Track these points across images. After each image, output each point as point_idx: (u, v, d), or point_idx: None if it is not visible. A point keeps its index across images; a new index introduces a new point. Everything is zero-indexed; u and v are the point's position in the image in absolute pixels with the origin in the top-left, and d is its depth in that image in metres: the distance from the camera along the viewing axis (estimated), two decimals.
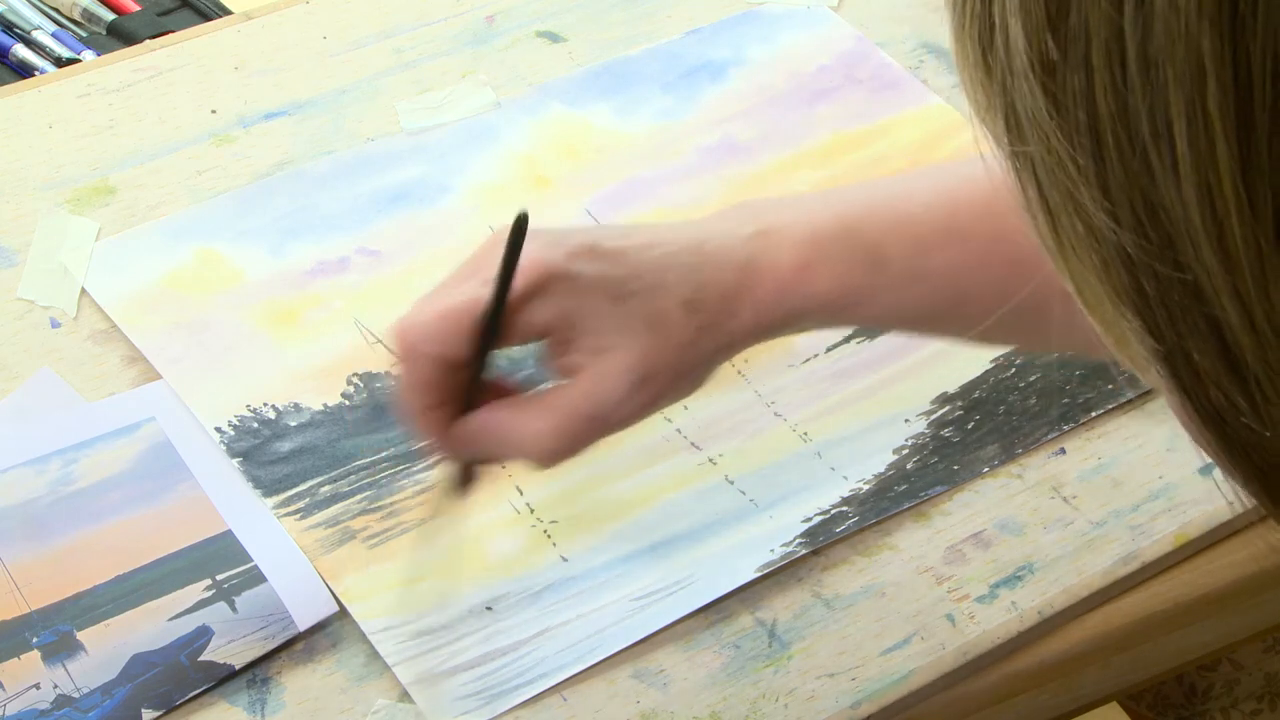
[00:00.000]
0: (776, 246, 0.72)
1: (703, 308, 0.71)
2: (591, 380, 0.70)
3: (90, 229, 0.96)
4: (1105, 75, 0.36)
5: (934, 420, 0.91)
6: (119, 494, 0.85)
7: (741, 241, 0.72)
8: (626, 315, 0.70)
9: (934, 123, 1.05)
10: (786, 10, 1.12)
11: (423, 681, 0.79)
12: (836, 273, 0.72)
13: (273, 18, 1.10)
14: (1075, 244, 0.39)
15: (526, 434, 0.70)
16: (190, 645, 0.79)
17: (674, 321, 0.70)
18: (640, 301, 0.70)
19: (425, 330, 0.70)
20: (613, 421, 0.71)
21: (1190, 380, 0.39)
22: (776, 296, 0.72)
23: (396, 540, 0.84)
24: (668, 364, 0.70)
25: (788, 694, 0.80)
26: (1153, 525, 0.87)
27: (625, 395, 0.70)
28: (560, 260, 0.70)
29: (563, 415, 0.70)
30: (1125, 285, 0.38)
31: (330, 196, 0.99)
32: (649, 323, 0.70)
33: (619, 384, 0.70)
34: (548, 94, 1.06)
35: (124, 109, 1.04)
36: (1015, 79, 0.39)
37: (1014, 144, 0.39)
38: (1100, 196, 0.37)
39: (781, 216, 0.73)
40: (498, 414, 0.71)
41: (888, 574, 0.84)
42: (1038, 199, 0.39)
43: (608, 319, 0.70)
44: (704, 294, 0.71)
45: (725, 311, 0.71)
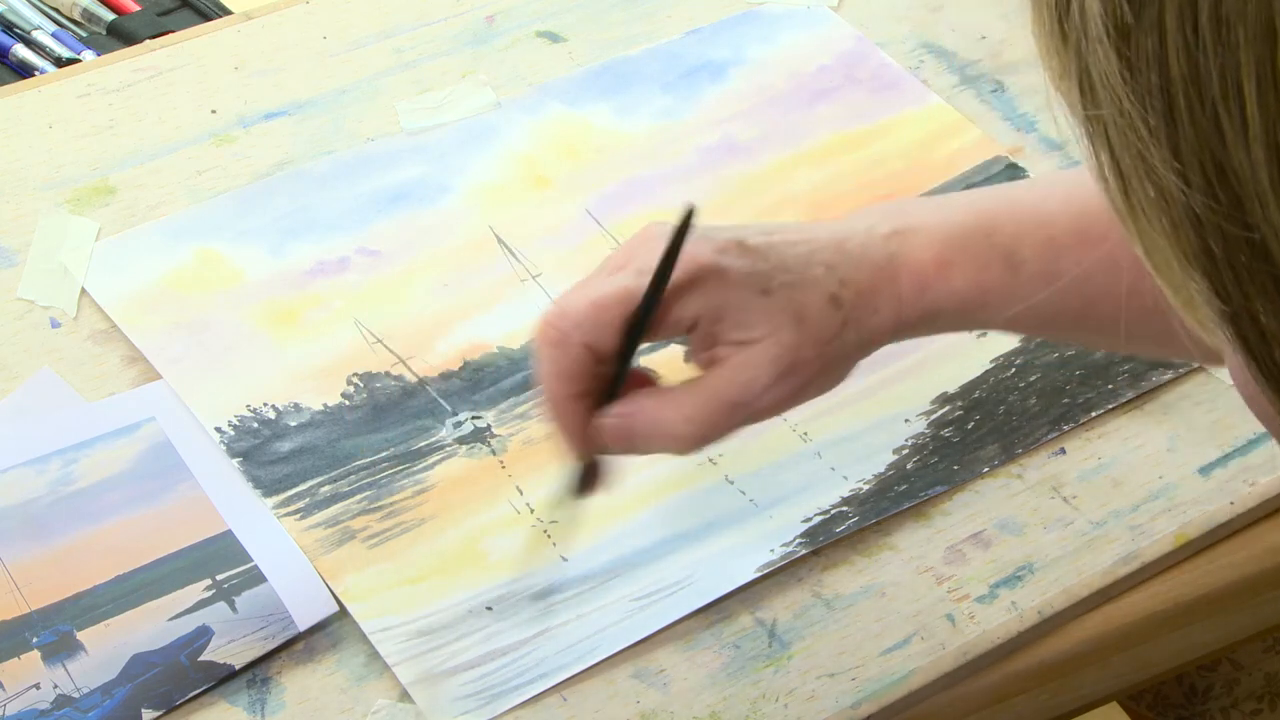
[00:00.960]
0: (916, 245, 0.73)
1: (845, 303, 0.72)
2: (737, 368, 0.71)
3: (90, 229, 0.96)
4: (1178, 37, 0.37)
5: (934, 420, 0.91)
6: (119, 494, 0.85)
7: (882, 240, 0.73)
8: (773, 308, 0.71)
9: (934, 123, 1.05)
10: (786, 10, 1.12)
11: (423, 681, 0.79)
12: (973, 271, 0.73)
13: (273, 18, 1.10)
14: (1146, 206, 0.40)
15: (669, 420, 0.71)
16: (190, 645, 0.79)
17: (819, 315, 0.71)
18: (786, 295, 0.71)
19: (578, 318, 0.70)
20: (756, 409, 0.72)
21: (1256, 341, 0.40)
22: (916, 294, 0.73)
23: (396, 540, 0.84)
24: (812, 356, 0.72)
25: (788, 694, 0.80)
26: (1153, 525, 0.87)
27: (770, 383, 0.71)
28: (709, 255, 0.71)
29: (707, 400, 0.71)
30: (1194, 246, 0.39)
31: (330, 196, 0.99)
32: (795, 316, 0.71)
33: (765, 373, 0.71)
34: (548, 94, 1.06)
35: (124, 109, 1.04)
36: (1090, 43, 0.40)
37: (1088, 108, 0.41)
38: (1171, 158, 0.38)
39: (920, 216, 0.75)
40: (640, 401, 0.72)
41: (888, 574, 0.84)
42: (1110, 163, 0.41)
43: (754, 312, 0.71)
44: (846, 290, 0.72)
45: (867, 308, 0.72)
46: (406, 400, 0.90)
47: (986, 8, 1.13)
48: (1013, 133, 1.05)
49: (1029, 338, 0.94)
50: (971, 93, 1.07)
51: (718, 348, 0.72)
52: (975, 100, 1.07)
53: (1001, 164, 1.03)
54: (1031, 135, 1.05)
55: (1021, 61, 1.10)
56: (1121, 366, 0.93)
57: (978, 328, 0.77)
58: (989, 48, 1.10)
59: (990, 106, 1.07)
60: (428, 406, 0.90)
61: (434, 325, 0.94)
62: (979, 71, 1.09)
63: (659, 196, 1.00)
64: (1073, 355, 0.93)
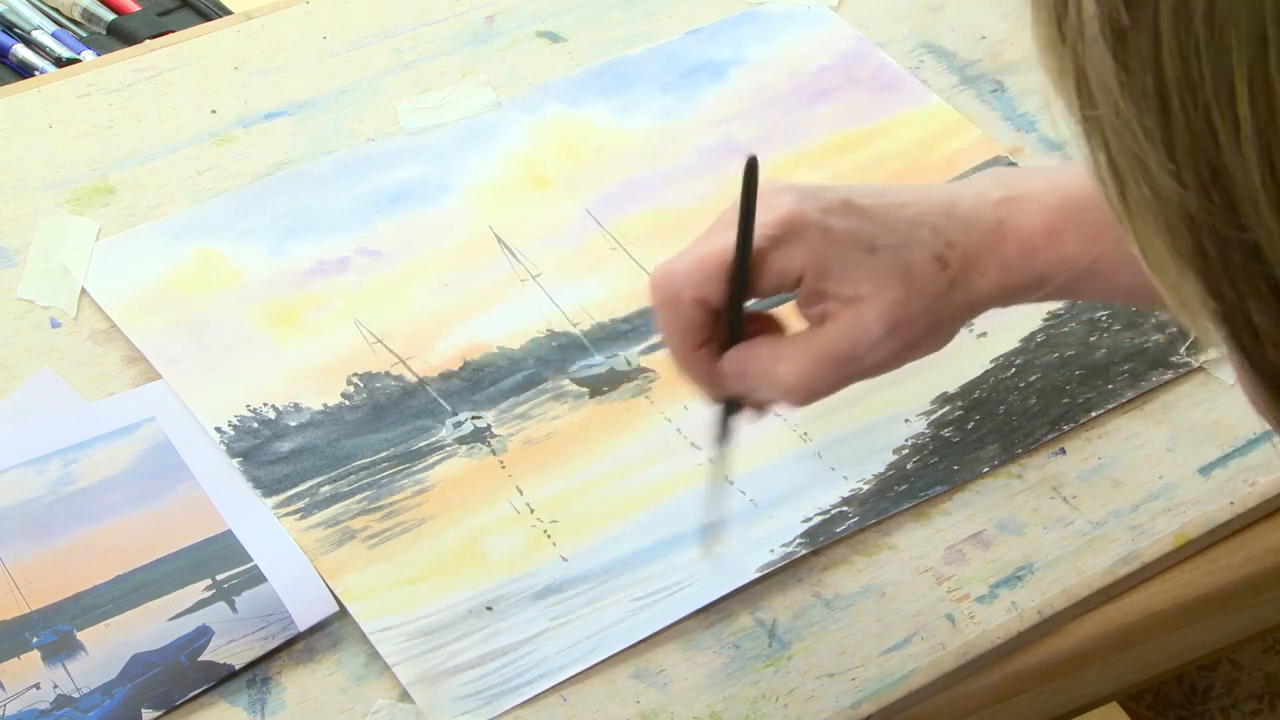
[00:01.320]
0: (1026, 211, 0.74)
1: (952, 264, 0.73)
2: (847, 323, 0.72)
3: (90, 229, 0.96)
4: (1172, 39, 0.38)
5: (934, 420, 0.91)
6: (119, 494, 0.85)
7: (992, 205, 0.74)
8: (879, 266, 0.72)
9: (934, 123, 1.05)
10: (786, 10, 1.12)
11: (423, 681, 0.79)
12: (1084, 239, 0.74)
13: (273, 18, 1.10)
14: (1141, 206, 0.41)
15: (780, 371, 0.72)
16: (190, 645, 0.79)
17: (926, 274, 0.72)
18: (893, 253, 0.72)
19: (686, 276, 0.72)
20: (865, 364, 0.73)
21: (1249, 340, 0.41)
22: (1024, 259, 0.74)
23: (396, 540, 0.84)
24: (919, 314, 0.73)
25: (788, 694, 0.80)
26: (1153, 525, 0.87)
27: (879, 339, 0.72)
28: (814, 212, 0.72)
29: (817, 353, 0.72)
30: (1188, 246, 0.40)
31: (330, 196, 0.99)
32: (902, 274, 0.72)
33: (874, 328, 0.72)
34: (548, 94, 1.06)
35: (124, 109, 1.04)
36: (1086, 45, 0.40)
37: (1084, 109, 0.41)
38: (1166, 159, 0.39)
39: (1032, 182, 0.75)
40: (755, 349, 0.73)
41: (888, 574, 0.84)
42: (1106, 163, 0.41)
43: (861, 269, 0.72)
44: (953, 252, 0.73)
45: (974, 270, 0.73)
46: (406, 400, 0.90)
47: (986, 8, 1.13)
48: (1013, 133, 1.05)
49: (1029, 338, 0.94)
50: (971, 93, 1.07)
51: (826, 303, 0.73)
52: (975, 100, 1.07)
53: (1001, 164, 1.03)
54: (1031, 135, 1.05)
55: (1021, 61, 1.10)
56: (1121, 367, 0.93)
57: (1087, 296, 0.77)
58: (989, 48, 1.10)
59: (990, 106, 1.07)
60: (428, 406, 0.90)
61: (434, 325, 0.94)
62: (979, 71, 1.09)
63: (659, 196, 1.00)
64: (1073, 355, 0.93)
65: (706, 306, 0.73)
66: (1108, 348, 0.93)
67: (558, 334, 0.94)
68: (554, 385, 0.91)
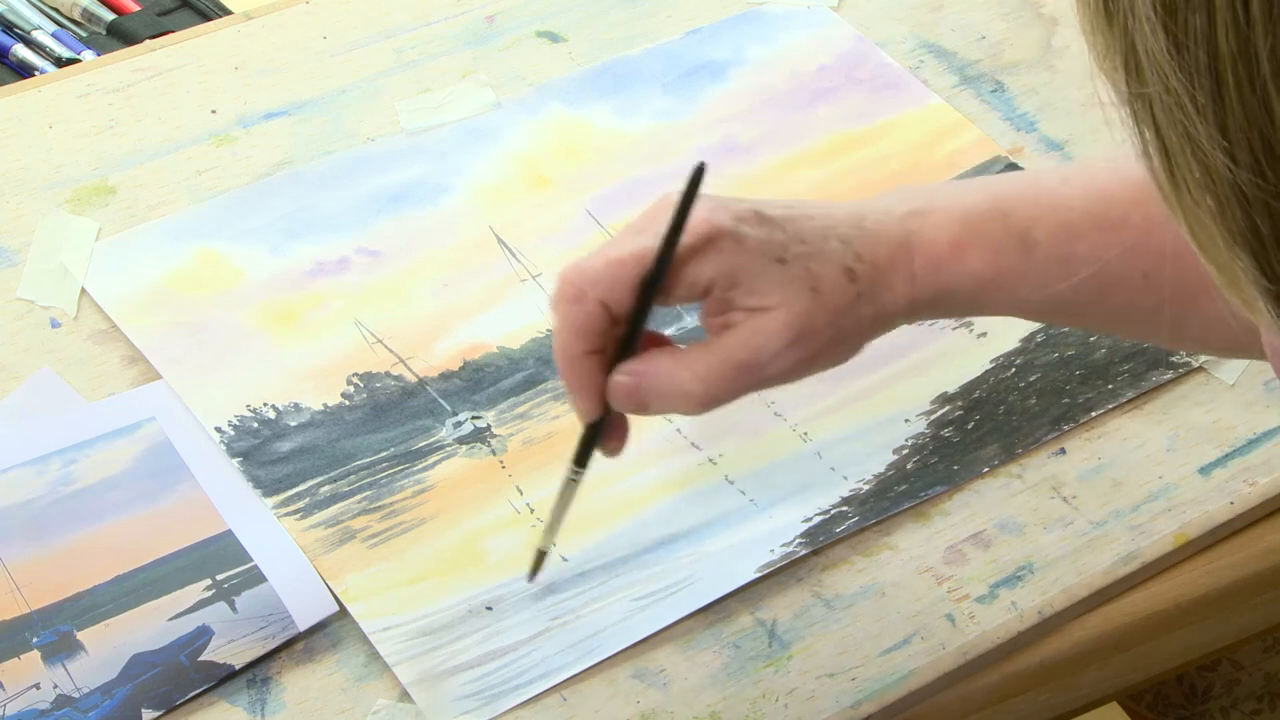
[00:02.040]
0: (932, 224, 0.74)
1: (861, 276, 0.73)
2: (749, 331, 0.72)
3: (90, 229, 0.96)
4: (1227, 14, 0.38)
5: (934, 420, 0.91)
6: (119, 494, 0.85)
7: (898, 219, 0.74)
8: (787, 276, 0.72)
9: (934, 123, 1.05)
10: (786, 10, 1.12)
11: (423, 681, 0.79)
12: (988, 252, 0.74)
13: (273, 18, 1.10)
14: (1191, 184, 0.40)
15: (680, 377, 0.72)
16: (190, 645, 0.79)
17: (834, 286, 0.72)
18: (801, 265, 0.72)
19: (594, 275, 0.71)
20: (767, 374, 0.72)
21: None
22: (930, 272, 0.74)
23: (396, 540, 0.84)
24: (824, 325, 0.72)
25: (788, 694, 0.80)
26: (1153, 525, 0.87)
27: (781, 349, 0.72)
28: (727, 221, 0.72)
29: (718, 361, 0.72)
30: (1240, 224, 0.40)
31: (330, 196, 0.99)
32: (809, 285, 0.72)
33: (776, 338, 0.71)
34: (548, 94, 1.06)
35: (124, 109, 1.04)
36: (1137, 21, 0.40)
37: (1133, 86, 0.41)
38: (1218, 135, 0.39)
39: (938, 198, 0.76)
40: (653, 359, 0.72)
41: (888, 574, 0.84)
42: (1155, 140, 0.41)
43: (769, 279, 0.72)
44: (862, 265, 0.73)
45: (881, 284, 0.73)
46: (406, 400, 0.90)
47: (986, 8, 1.13)
48: (1012, 133, 1.05)
49: (1029, 338, 0.94)
50: (971, 93, 1.07)
51: (731, 313, 0.72)
52: (975, 100, 1.07)
53: (1001, 164, 1.03)
54: (1031, 135, 1.05)
55: (1021, 61, 1.10)
56: (1121, 366, 0.93)
57: (992, 311, 0.77)
58: (989, 48, 1.10)
59: (990, 106, 1.07)
60: (428, 406, 0.90)
61: (434, 325, 0.94)
62: (979, 71, 1.09)
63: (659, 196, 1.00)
64: (1073, 355, 0.93)
65: (608, 312, 0.72)
66: (1108, 348, 0.93)
67: None
68: (554, 385, 0.91)
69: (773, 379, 0.73)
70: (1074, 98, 1.07)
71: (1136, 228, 0.74)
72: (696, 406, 0.72)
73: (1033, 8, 1.13)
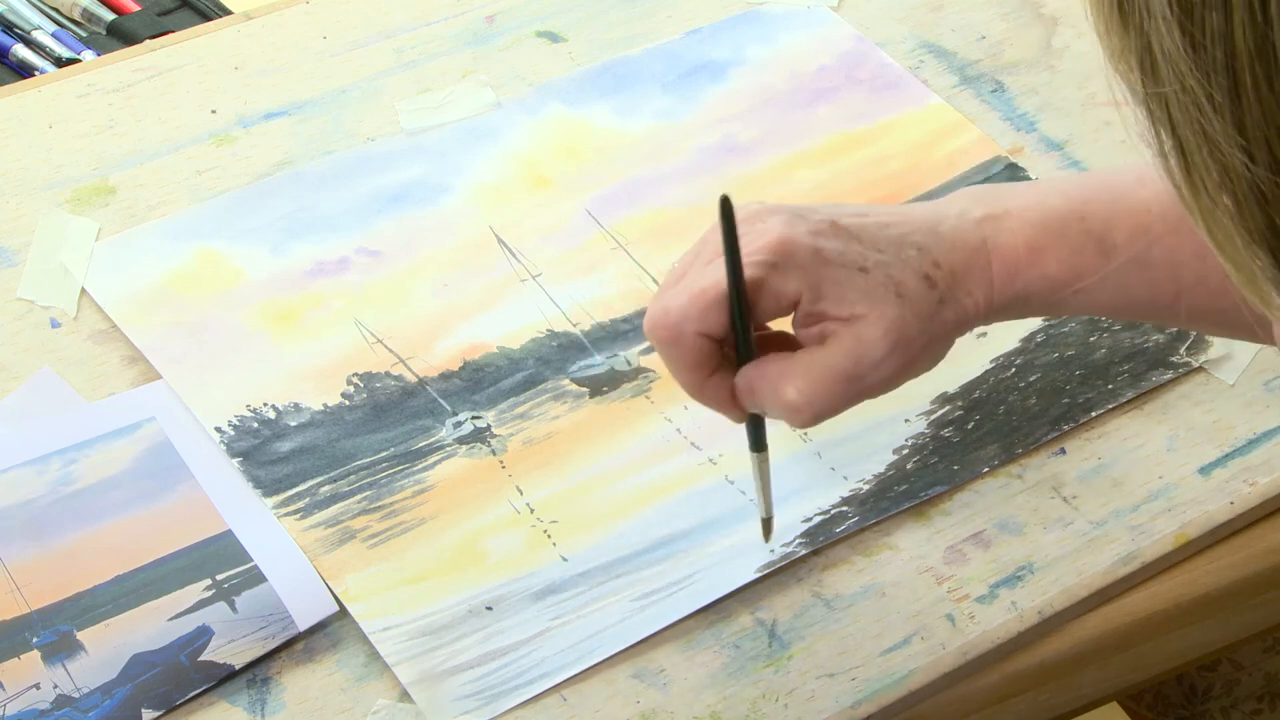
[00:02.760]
0: (1009, 229, 0.74)
1: (940, 283, 0.73)
2: (851, 341, 0.72)
3: (90, 229, 0.96)
4: (1244, 13, 0.38)
5: (934, 420, 0.91)
6: (119, 494, 0.85)
7: (974, 224, 0.75)
8: (872, 285, 0.72)
9: (934, 123, 1.05)
10: (786, 10, 1.12)
11: (423, 681, 0.79)
12: (1065, 255, 0.74)
13: (273, 18, 1.10)
14: (1208, 184, 0.40)
15: (786, 391, 0.72)
16: (190, 645, 0.79)
17: (917, 293, 0.72)
18: (883, 272, 0.72)
19: (682, 313, 0.72)
20: (870, 382, 0.73)
21: None
22: (1008, 277, 0.74)
23: (396, 540, 0.84)
24: (917, 331, 0.73)
25: (788, 694, 0.80)
26: (1153, 525, 0.87)
27: (883, 356, 0.72)
28: (804, 235, 0.72)
29: (821, 373, 0.72)
30: (1258, 223, 0.40)
31: (330, 196, 0.99)
32: (895, 292, 0.72)
33: (878, 346, 0.72)
34: (548, 94, 1.06)
35: (124, 109, 1.04)
36: (1153, 20, 0.40)
37: (1149, 86, 0.41)
38: (1235, 134, 0.39)
39: (1013, 200, 0.75)
40: (764, 368, 0.73)
41: (888, 574, 0.84)
42: (1171, 140, 0.41)
43: (854, 289, 0.72)
44: (940, 271, 0.73)
45: (960, 289, 0.74)
46: (406, 400, 0.90)
47: (986, 8, 1.13)
48: (1012, 133, 1.05)
49: (1029, 338, 0.94)
50: (971, 93, 1.07)
51: (824, 324, 0.73)
52: (975, 100, 1.07)
53: (1001, 164, 1.03)
54: (1031, 135, 1.05)
55: (1021, 61, 1.10)
56: (1121, 366, 0.93)
57: (1070, 312, 0.77)
58: (989, 48, 1.10)
59: (990, 106, 1.07)
60: (428, 406, 0.90)
61: (434, 325, 0.94)
62: (979, 71, 1.09)
63: (659, 196, 1.00)
64: (1073, 355, 0.93)
65: (709, 338, 0.72)
66: (1108, 348, 0.93)
67: (558, 334, 0.94)
68: (554, 385, 0.91)
69: (874, 388, 0.73)
70: (1074, 98, 1.07)
71: None
72: (802, 419, 0.73)
73: (1033, 8, 1.13)
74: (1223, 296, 0.73)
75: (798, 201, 1.00)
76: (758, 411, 0.75)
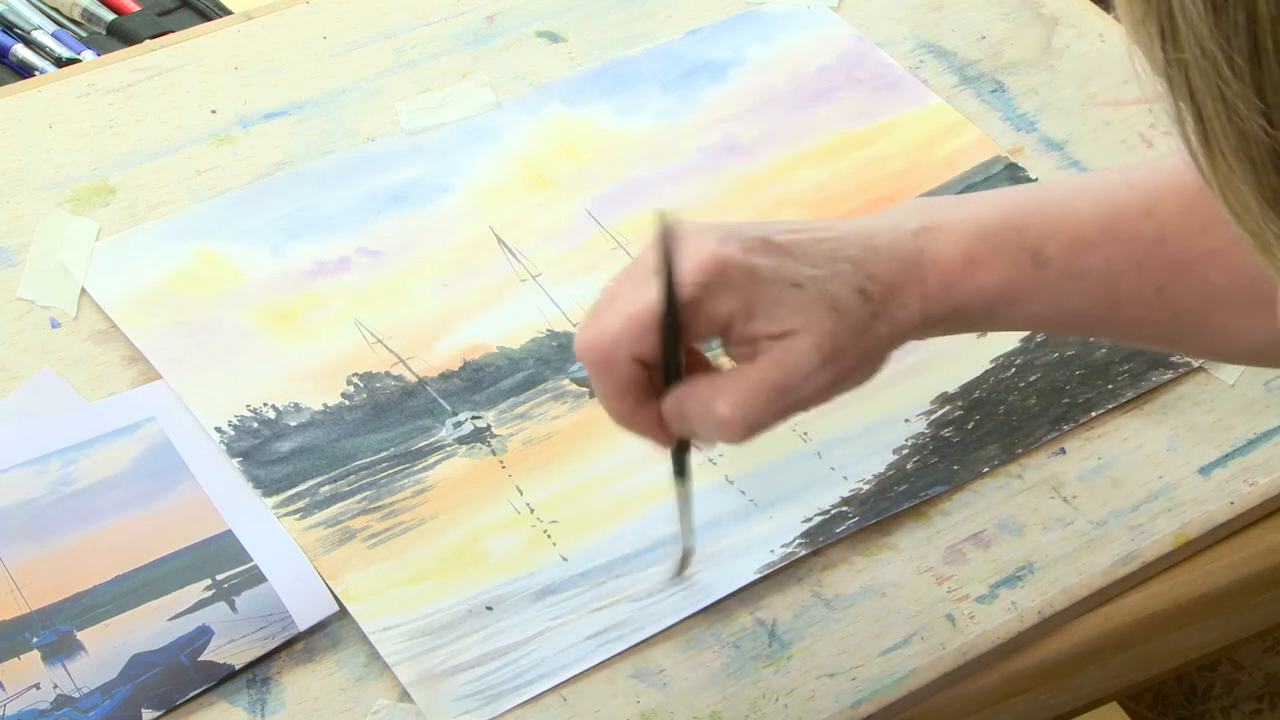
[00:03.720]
0: (944, 241, 0.74)
1: (875, 296, 0.72)
2: (781, 354, 0.71)
3: (90, 229, 0.96)
4: None
5: (934, 420, 0.91)
6: (119, 494, 0.85)
7: (910, 235, 0.74)
8: (806, 299, 0.71)
9: (934, 123, 1.05)
10: (786, 10, 1.12)
11: (423, 681, 0.79)
12: (1001, 268, 0.74)
13: (273, 18, 1.10)
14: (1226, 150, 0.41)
15: (717, 408, 0.71)
16: (190, 645, 0.79)
17: (851, 306, 0.72)
18: (818, 287, 0.72)
19: (615, 336, 0.71)
20: (801, 396, 0.72)
21: None
22: (944, 289, 0.74)
23: (396, 540, 0.84)
24: (850, 345, 0.72)
25: (788, 694, 0.80)
26: (1153, 525, 0.87)
27: (814, 369, 0.71)
28: (737, 254, 0.71)
29: (752, 386, 0.71)
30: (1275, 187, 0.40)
31: (330, 196, 0.99)
32: (829, 306, 0.72)
33: (809, 359, 0.71)
34: (548, 94, 1.06)
35: (124, 109, 1.04)
36: None
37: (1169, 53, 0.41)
38: (1255, 98, 0.39)
39: (949, 212, 0.75)
40: (693, 387, 0.72)
41: (888, 574, 0.84)
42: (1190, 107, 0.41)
43: (788, 305, 0.71)
44: (875, 284, 0.73)
45: (894, 302, 0.73)
46: (406, 400, 0.90)
47: (986, 8, 1.13)
48: (1012, 133, 1.05)
49: (1029, 337, 0.94)
50: (971, 93, 1.07)
51: (758, 342, 0.72)
52: (975, 100, 1.07)
53: (1001, 164, 1.03)
54: (1031, 135, 1.05)
55: (1021, 61, 1.10)
56: (1121, 366, 0.93)
57: (1005, 326, 0.77)
58: (989, 48, 1.10)
59: (990, 106, 1.07)
60: (428, 406, 0.90)
61: (434, 325, 0.94)
62: (979, 71, 1.09)
63: (659, 196, 1.00)
64: (1073, 355, 0.93)
65: (643, 363, 0.71)
66: (1108, 348, 0.93)
67: (558, 334, 0.94)
68: (554, 385, 0.91)
69: (806, 400, 0.73)
70: (1074, 98, 1.07)
71: (1148, 240, 0.74)
72: (735, 435, 0.72)
73: (1033, 8, 1.13)
74: (1158, 308, 0.74)
75: (797, 201, 1.01)
76: (687, 434, 0.74)
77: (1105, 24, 1.12)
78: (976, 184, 1.02)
